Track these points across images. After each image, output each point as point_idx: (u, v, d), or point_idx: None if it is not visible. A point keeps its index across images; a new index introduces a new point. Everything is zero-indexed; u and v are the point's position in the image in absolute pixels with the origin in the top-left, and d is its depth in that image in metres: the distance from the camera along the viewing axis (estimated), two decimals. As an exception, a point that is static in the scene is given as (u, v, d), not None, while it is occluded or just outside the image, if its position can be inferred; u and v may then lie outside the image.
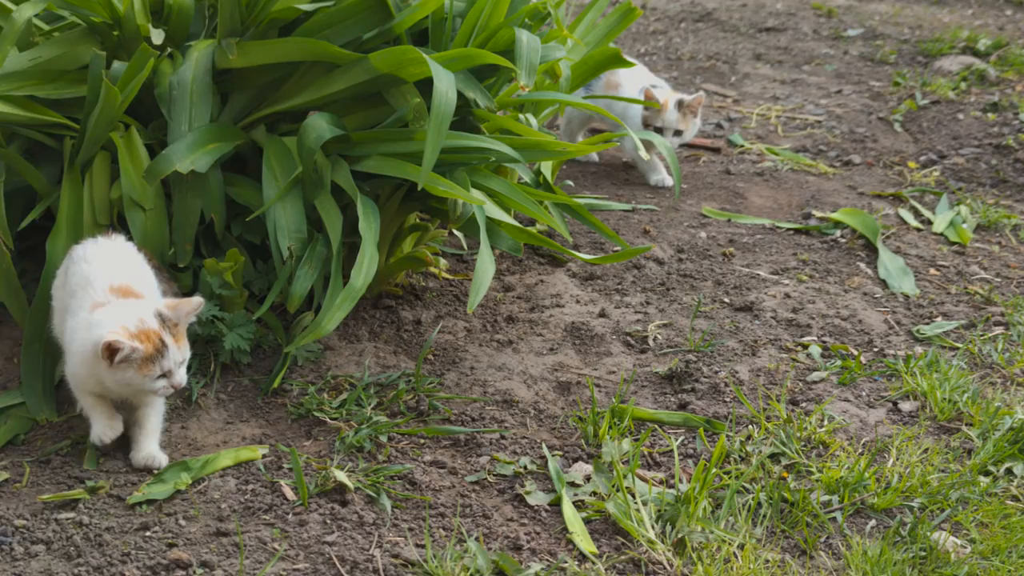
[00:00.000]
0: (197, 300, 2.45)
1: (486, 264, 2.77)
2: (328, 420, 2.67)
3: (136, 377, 2.36)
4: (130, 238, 2.72)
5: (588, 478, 2.50)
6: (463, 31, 2.99)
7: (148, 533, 2.27)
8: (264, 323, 2.94)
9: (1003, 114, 5.46)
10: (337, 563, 2.21)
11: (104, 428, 2.47)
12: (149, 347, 2.34)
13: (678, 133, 4.29)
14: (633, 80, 4.39)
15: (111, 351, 2.30)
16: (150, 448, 2.50)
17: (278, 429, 2.66)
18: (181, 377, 2.42)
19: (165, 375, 2.39)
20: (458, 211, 2.91)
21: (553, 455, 2.57)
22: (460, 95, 2.74)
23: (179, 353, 2.41)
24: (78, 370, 2.44)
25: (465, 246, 3.58)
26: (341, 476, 2.42)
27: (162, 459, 2.49)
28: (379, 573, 2.19)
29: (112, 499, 2.38)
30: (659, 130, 4.23)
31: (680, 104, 4.24)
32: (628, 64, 3.70)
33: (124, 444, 2.53)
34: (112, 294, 2.45)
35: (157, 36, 2.85)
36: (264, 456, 2.54)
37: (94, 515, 2.32)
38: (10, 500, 2.37)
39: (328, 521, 2.33)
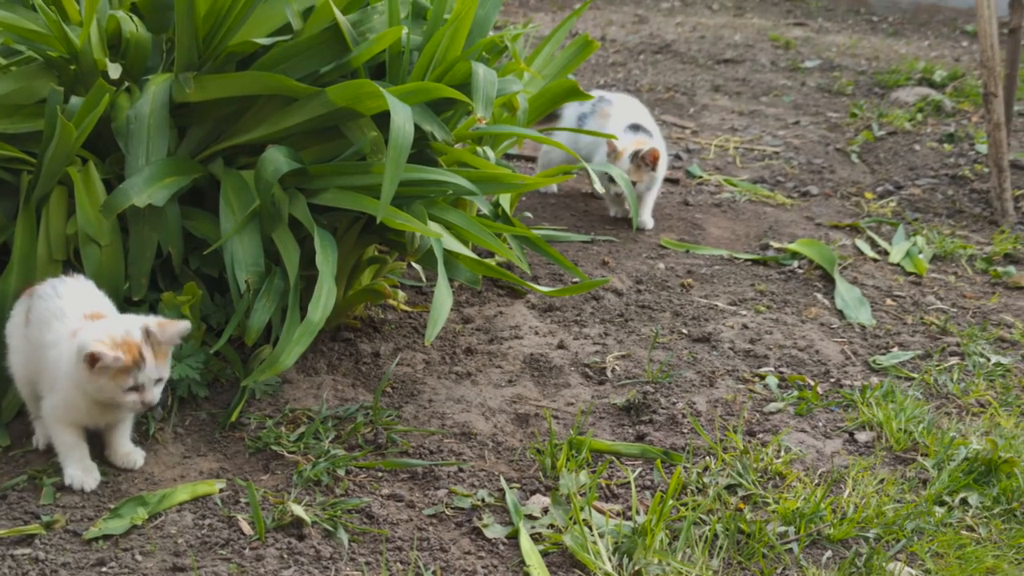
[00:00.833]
0: (184, 324, 2.47)
1: (444, 296, 2.78)
2: (286, 454, 2.66)
3: (109, 385, 2.37)
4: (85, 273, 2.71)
5: (546, 510, 2.51)
6: (420, 64, 3.01)
7: (104, 569, 2.25)
8: (222, 356, 2.93)
9: (959, 145, 5.55)
10: (293, 599, 2.20)
11: (82, 474, 2.50)
12: (128, 358, 2.35)
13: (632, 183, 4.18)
14: (622, 115, 4.39)
15: (93, 360, 2.33)
16: (127, 446, 2.60)
17: (236, 463, 2.65)
18: (154, 395, 2.43)
19: (136, 388, 2.40)
20: (416, 243, 2.92)
21: (511, 487, 2.58)
22: (418, 128, 2.76)
23: (156, 371, 2.41)
24: (65, 395, 2.44)
25: (424, 278, 3.59)
26: (298, 510, 2.41)
27: (140, 455, 2.59)
28: (335, 609, 2.19)
29: (68, 534, 2.35)
30: (611, 180, 4.13)
31: (635, 155, 4.14)
32: (586, 96, 3.73)
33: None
34: (88, 320, 2.46)
35: (114, 70, 2.85)
36: (221, 490, 2.52)
37: (50, 551, 2.30)
38: (-37, 537, 2.35)
39: (285, 556, 2.32)
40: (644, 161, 4.15)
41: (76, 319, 2.47)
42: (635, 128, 4.32)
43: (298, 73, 2.88)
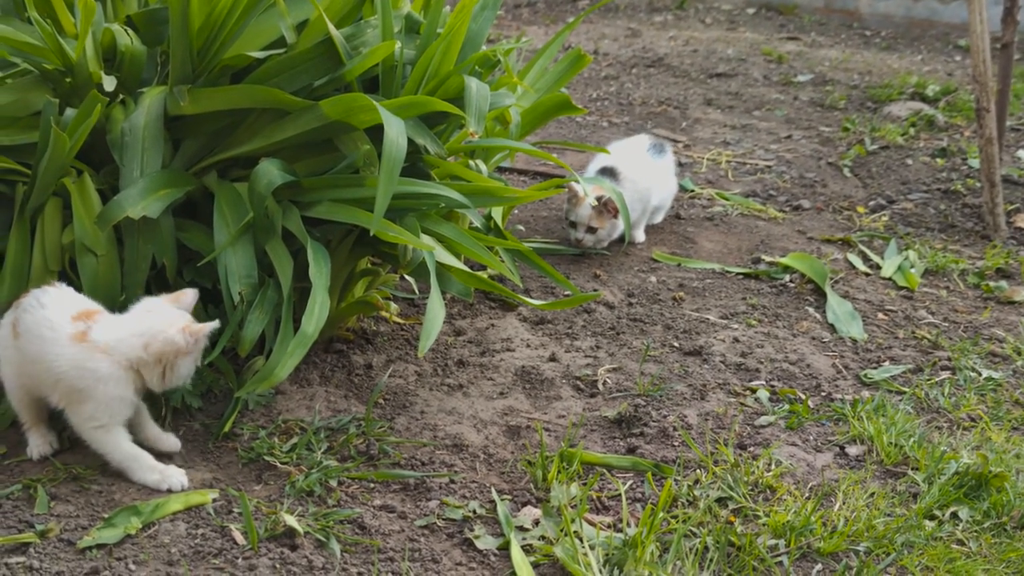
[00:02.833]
0: (192, 291, 2.62)
1: (436, 309, 2.79)
2: (279, 464, 2.67)
3: (186, 363, 2.56)
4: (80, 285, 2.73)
5: (537, 522, 2.51)
6: (413, 78, 3.02)
7: (97, 578, 2.26)
8: (215, 367, 2.93)
9: (951, 159, 5.57)
10: (284, 610, 2.21)
11: (169, 475, 2.58)
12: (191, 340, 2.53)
13: (591, 230, 4.05)
14: (621, 154, 4.31)
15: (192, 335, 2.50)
16: (159, 432, 2.70)
17: (229, 473, 2.66)
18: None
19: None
20: (409, 256, 2.94)
21: (502, 499, 2.59)
22: (411, 141, 2.78)
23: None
24: (103, 397, 2.48)
25: (416, 290, 3.60)
26: (291, 520, 2.41)
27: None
28: (326, 620, 2.19)
29: (63, 543, 2.36)
30: (573, 224, 4.07)
31: (598, 201, 3.99)
32: (579, 111, 3.75)
33: (77, 489, 2.52)
34: (79, 319, 2.51)
35: (109, 83, 2.86)
36: (214, 500, 2.53)
37: (44, 559, 2.31)
38: (-42, 546, 2.35)
39: (278, 566, 2.32)
40: (606, 208, 4.01)
41: (66, 324, 2.49)
42: (605, 172, 4.19)
43: (292, 86, 2.89)
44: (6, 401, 2.69)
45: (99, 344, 2.48)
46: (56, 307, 2.54)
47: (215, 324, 2.57)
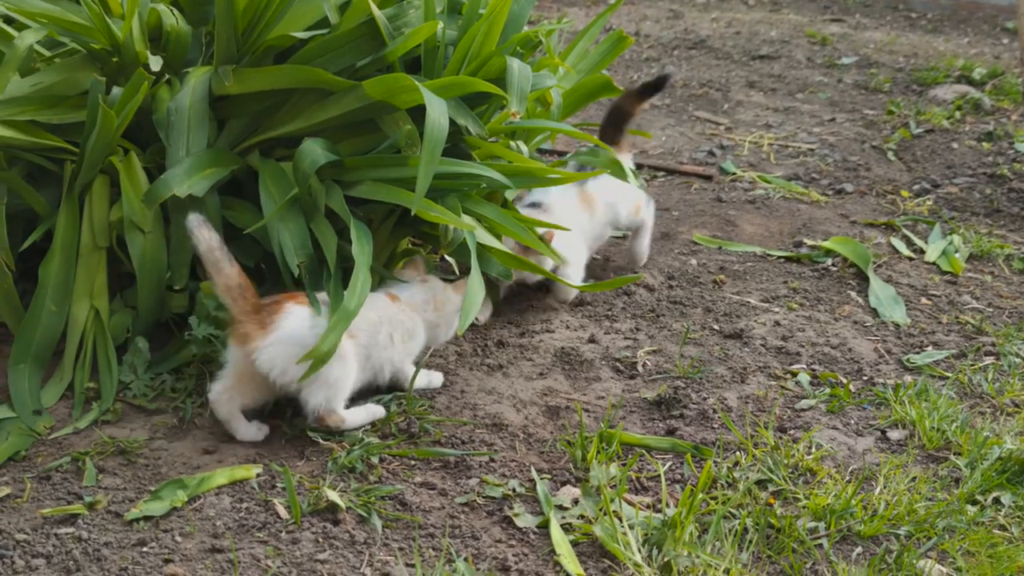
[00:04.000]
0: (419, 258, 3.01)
1: (477, 288, 2.80)
2: (321, 441, 2.70)
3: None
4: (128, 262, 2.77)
5: (576, 501, 2.53)
6: (455, 59, 3.03)
7: (145, 549, 2.31)
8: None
9: (998, 143, 5.51)
10: (327, 582, 2.24)
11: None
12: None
13: None
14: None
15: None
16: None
17: (272, 449, 2.69)
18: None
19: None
20: (449, 236, 2.95)
21: (542, 478, 2.60)
22: (452, 122, 2.78)
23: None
24: (420, 335, 2.94)
25: (456, 271, 3.60)
26: (333, 496, 2.44)
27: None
28: (368, 593, 2.22)
29: (110, 515, 2.41)
30: None
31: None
32: (621, 92, 3.74)
33: (125, 463, 2.57)
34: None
35: (155, 63, 2.89)
36: (258, 475, 2.56)
37: (93, 530, 2.35)
38: (11, 515, 2.40)
39: (320, 539, 2.36)
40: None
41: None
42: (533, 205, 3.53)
43: (335, 67, 2.91)
44: (60, 372, 2.74)
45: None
46: None
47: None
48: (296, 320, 2.62)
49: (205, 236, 2.57)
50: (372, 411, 2.79)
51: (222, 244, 2.60)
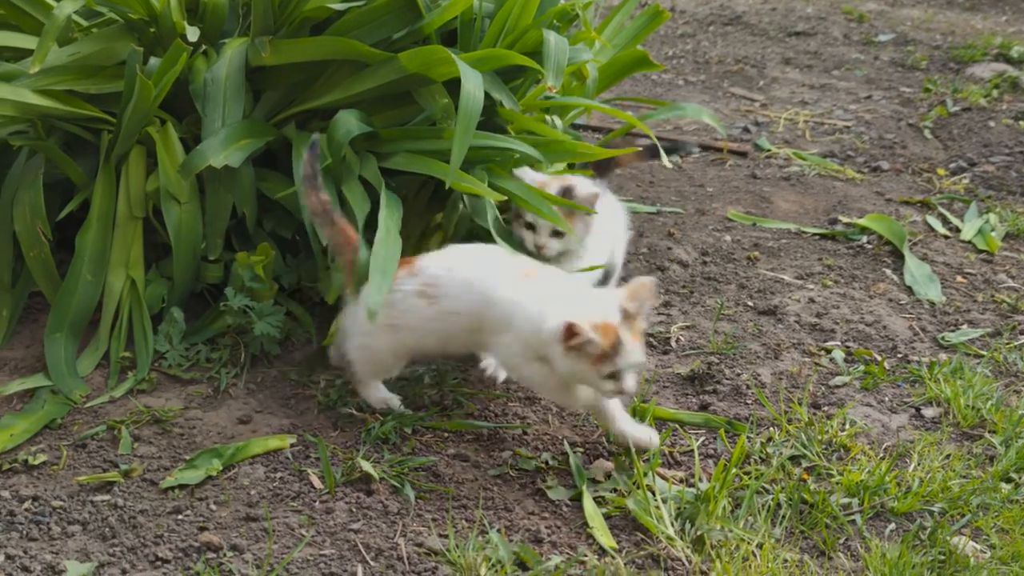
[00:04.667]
0: (650, 280, 2.43)
1: None
2: (354, 412, 2.71)
3: (588, 370, 2.37)
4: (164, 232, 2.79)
5: (608, 475, 2.53)
6: (491, 32, 3.02)
7: (180, 516, 2.33)
8: (293, 316, 2.98)
9: (1034, 122, 5.44)
10: (363, 550, 2.26)
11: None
12: (605, 342, 2.33)
13: (557, 235, 2.86)
14: None
15: (570, 334, 2.31)
16: (625, 427, 2.56)
17: (306, 420, 2.70)
18: (631, 382, 2.41)
19: (614, 376, 2.39)
20: (454, 221, 2.94)
21: (574, 452, 2.60)
22: (487, 95, 2.77)
23: (635, 353, 2.39)
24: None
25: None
26: (367, 466, 2.46)
27: (644, 433, 2.57)
28: (403, 561, 2.23)
29: (146, 483, 2.44)
30: (529, 225, 2.87)
31: (566, 193, 2.87)
32: (657, 67, 3.72)
33: (160, 432, 2.59)
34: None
35: (192, 33, 2.90)
36: (292, 445, 2.58)
37: (128, 498, 2.38)
38: (48, 482, 2.43)
39: (354, 509, 2.37)
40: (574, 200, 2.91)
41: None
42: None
43: (371, 39, 2.91)
44: (95, 343, 2.77)
45: None
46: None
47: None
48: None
49: None
50: None
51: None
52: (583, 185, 2.88)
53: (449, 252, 2.65)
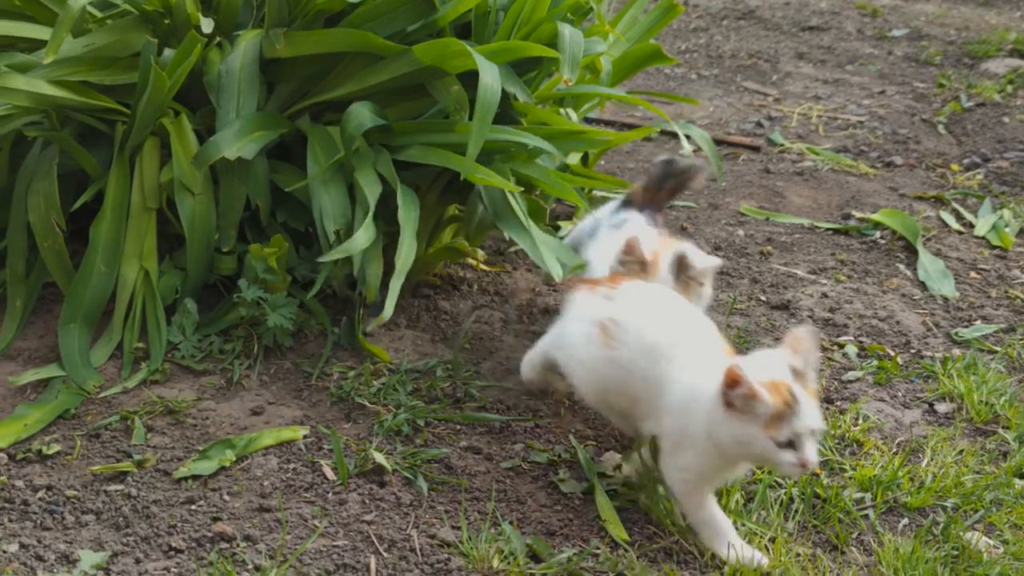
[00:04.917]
0: (810, 331, 2.12)
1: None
2: (367, 404, 2.71)
3: (759, 436, 2.04)
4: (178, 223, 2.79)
5: (620, 468, 2.53)
6: (506, 24, 3.02)
7: (194, 507, 2.34)
8: (306, 308, 2.98)
9: (1050, 118, 5.42)
10: (375, 541, 2.26)
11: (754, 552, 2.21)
12: (778, 400, 2.00)
13: None
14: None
15: (733, 382, 2.01)
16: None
17: (318, 411, 2.71)
18: (812, 453, 2.03)
19: (792, 444, 2.03)
20: (476, 219, 2.94)
21: (587, 445, 2.60)
22: (502, 88, 2.77)
23: (814, 416, 2.03)
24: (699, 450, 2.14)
25: (505, 237, 3.60)
26: (379, 458, 2.46)
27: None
28: (416, 552, 2.24)
29: (159, 473, 2.44)
30: None
31: (680, 264, 2.66)
32: (670, 60, 3.71)
33: (173, 422, 2.60)
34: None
35: (207, 25, 2.90)
36: (305, 437, 2.58)
37: (142, 488, 2.39)
38: (62, 471, 2.44)
39: (367, 501, 2.38)
40: (687, 270, 2.70)
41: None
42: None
43: (385, 31, 2.91)
44: (110, 331, 2.77)
45: None
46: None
47: None
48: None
49: None
50: None
51: None
52: (700, 258, 2.65)
53: None
